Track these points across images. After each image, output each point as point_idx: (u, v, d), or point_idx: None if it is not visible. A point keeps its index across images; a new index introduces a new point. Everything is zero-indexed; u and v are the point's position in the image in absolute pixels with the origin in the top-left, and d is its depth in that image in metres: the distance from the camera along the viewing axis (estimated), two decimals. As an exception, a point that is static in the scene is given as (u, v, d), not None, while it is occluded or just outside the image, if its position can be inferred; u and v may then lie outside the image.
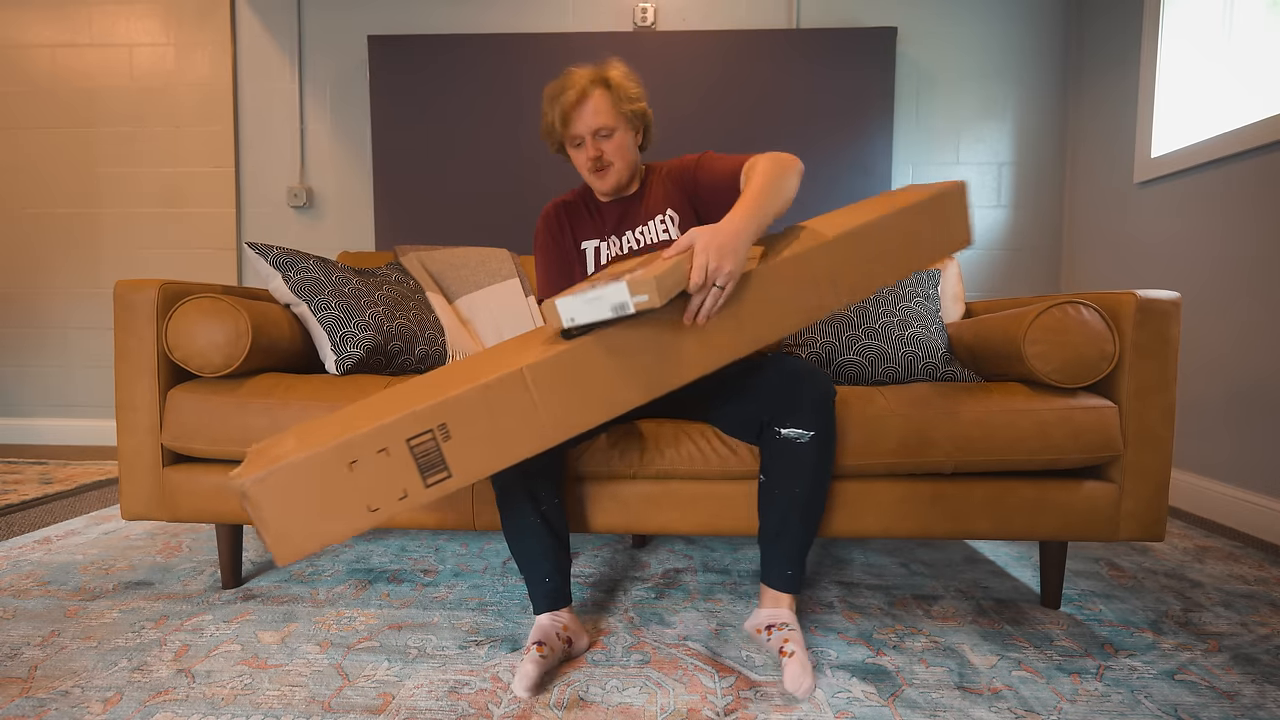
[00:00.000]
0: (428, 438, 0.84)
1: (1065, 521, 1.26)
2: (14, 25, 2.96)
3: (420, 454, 0.84)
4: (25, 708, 0.98)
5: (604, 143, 1.30)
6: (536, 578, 1.16)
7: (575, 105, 1.26)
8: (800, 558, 1.18)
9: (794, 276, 1.02)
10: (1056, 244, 2.78)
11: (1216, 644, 1.21)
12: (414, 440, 0.84)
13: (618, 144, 1.31)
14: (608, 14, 2.82)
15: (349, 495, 0.83)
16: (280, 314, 1.46)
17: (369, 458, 0.82)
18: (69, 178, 2.98)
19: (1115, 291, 1.27)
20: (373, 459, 0.83)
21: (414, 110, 2.76)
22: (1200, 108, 2.22)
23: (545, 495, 1.16)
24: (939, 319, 1.52)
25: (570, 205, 1.42)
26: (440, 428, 0.84)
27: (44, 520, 1.92)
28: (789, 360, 1.18)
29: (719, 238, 0.96)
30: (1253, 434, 1.89)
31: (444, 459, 0.85)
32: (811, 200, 2.70)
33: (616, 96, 1.29)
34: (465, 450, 0.86)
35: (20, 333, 3.05)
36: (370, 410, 0.93)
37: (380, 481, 0.84)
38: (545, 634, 1.10)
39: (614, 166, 1.32)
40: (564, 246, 1.40)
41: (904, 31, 2.75)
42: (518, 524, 1.16)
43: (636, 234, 1.36)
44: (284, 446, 0.89)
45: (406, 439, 0.83)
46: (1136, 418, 1.24)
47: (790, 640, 1.10)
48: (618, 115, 1.29)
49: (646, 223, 1.35)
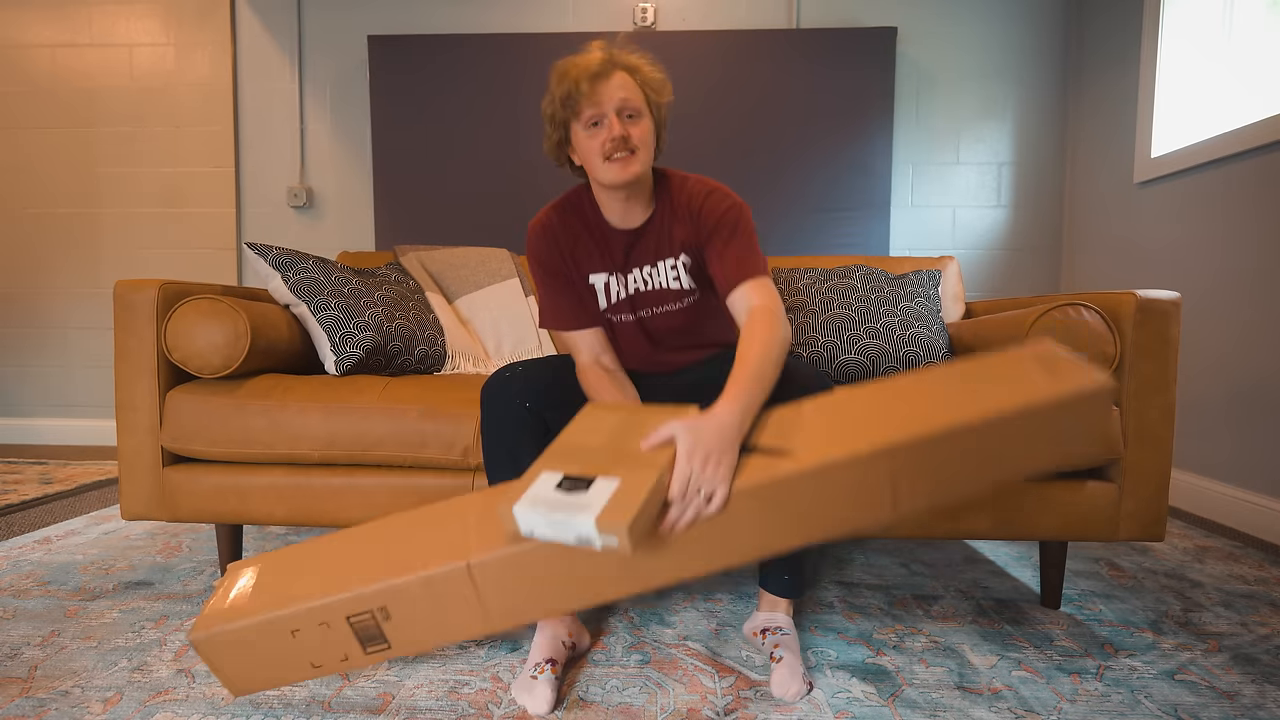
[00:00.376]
0: (367, 617, 0.86)
1: (1065, 521, 1.26)
2: (14, 25, 2.96)
3: (360, 629, 0.87)
4: (25, 708, 0.98)
5: (632, 124, 1.08)
6: None
7: (598, 76, 1.06)
8: (798, 563, 1.18)
9: (834, 486, 0.83)
10: (1056, 244, 2.78)
11: (1216, 644, 1.21)
12: (354, 618, 0.86)
13: (645, 130, 1.10)
14: (608, 14, 2.82)
15: (292, 655, 0.88)
16: (279, 315, 1.46)
17: (311, 629, 0.86)
18: (69, 178, 2.98)
19: (1115, 291, 1.27)
20: (314, 629, 0.86)
21: (414, 110, 2.76)
22: (1200, 108, 2.22)
23: None
24: (940, 319, 1.52)
25: (567, 228, 1.20)
26: (380, 609, 0.86)
27: (44, 520, 1.92)
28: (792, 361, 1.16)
29: (705, 440, 0.83)
30: (1253, 434, 1.89)
31: (383, 634, 0.87)
32: (811, 200, 2.70)
33: (642, 81, 1.11)
34: (405, 629, 0.88)
35: (20, 333, 3.05)
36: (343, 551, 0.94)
37: (321, 647, 0.88)
38: (554, 650, 1.09)
39: (639, 155, 1.09)
40: (569, 277, 1.21)
41: (904, 31, 2.75)
42: None
43: (645, 274, 1.20)
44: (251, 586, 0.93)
45: (347, 616, 0.86)
46: (1136, 417, 1.24)
47: (782, 645, 1.10)
48: (644, 100, 1.11)
49: (657, 263, 1.20)
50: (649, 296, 1.21)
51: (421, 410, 1.29)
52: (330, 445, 1.29)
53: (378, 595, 0.86)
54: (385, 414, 1.29)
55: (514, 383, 1.10)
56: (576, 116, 1.08)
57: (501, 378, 1.12)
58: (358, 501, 1.31)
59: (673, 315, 1.22)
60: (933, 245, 2.81)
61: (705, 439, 0.84)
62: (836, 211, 2.71)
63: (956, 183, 2.79)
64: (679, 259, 1.18)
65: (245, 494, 1.32)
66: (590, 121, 1.08)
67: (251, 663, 0.89)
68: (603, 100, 1.06)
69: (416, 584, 0.85)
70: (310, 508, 1.32)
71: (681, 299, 1.20)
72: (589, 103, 1.06)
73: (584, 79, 1.05)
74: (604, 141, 1.07)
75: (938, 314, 1.53)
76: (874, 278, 1.58)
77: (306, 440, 1.29)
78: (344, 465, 1.32)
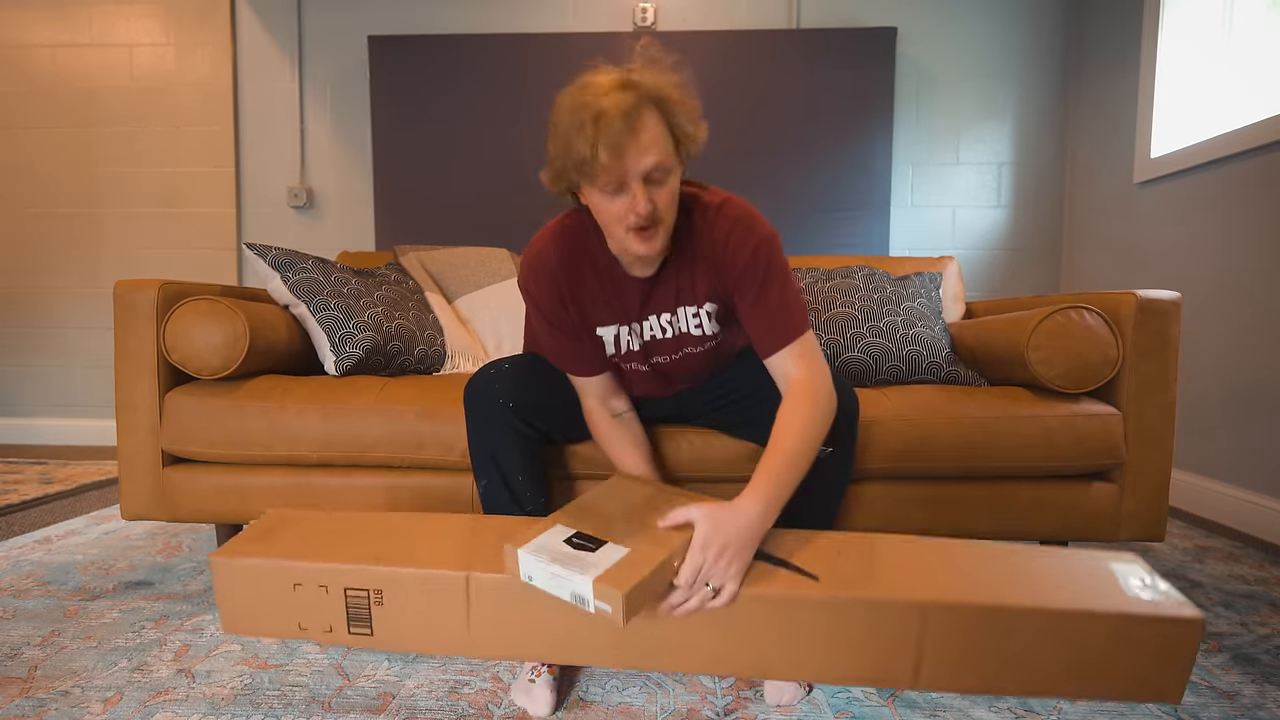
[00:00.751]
0: (362, 594, 0.89)
1: (1065, 521, 1.26)
2: (14, 25, 2.96)
3: (352, 605, 0.90)
4: (25, 708, 0.98)
5: (657, 191, 0.91)
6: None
7: (625, 134, 0.87)
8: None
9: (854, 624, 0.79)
10: (1056, 244, 2.78)
11: (1216, 644, 1.21)
12: (351, 591, 0.89)
13: (671, 192, 0.93)
14: (608, 14, 2.82)
15: (286, 607, 0.91)
16: (279, 315, 1.46)
17: (311, 587, 0.90)
18: (69, 178, 2.98)
19: (1116, 292, 1.27)
20: (313, 589, 0.90)
21: (414, 110, 2.76)
22: (1200, 108, 2.22)
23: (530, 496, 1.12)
24: (942, 319, 1.52)
25: (570, 271, 1.04)
26: (377, 591, 0.89)
27: (44, 520, 1.92)
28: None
29: (723, 533, 0.80)
30: (1253, 434, 1.89)
31: (370, 619, 0.90)
32: (811, 200, 2.70)
33: (674, 118, 0.92)
34: (391, 621, 0.89)
35: (20, 333, 3.05)
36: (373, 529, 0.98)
37: (313, 609, 0.91)
38: None
39: (664, 225, 0.94)
40: (573, 329, 1.08)
41: (904, 31, 2.75)
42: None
43: (663, 321, 1.08)
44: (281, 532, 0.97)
45: (345, 587, 0.89)
46: (1137, 418, 1.24)
47: None
48: (674, 148, 0.93)
49: (677, 309, 1.07)
50: (666, 344, 1.10)
51: (419, 411, 1.29)
52: (328, 446, 1.29)
53: (378, 577, 0.88)
54: (383, 415, 1.29)
55: (496, 381, 1.08)
56: (591, 183, 0.92)
57: (485, 376, 1.10)
58: (357, 502, 1.31)
59: (692, 359, 1.13)
60: (933, 245, 2.81)
61: (724, 532, 0.81)
62: (836, 211, 2.71)
63: (956, 183, 2.79)
64: (703, 307, 1.06)
65: (245, 494, 1.32)
66: (610, 187, 0.91)
67: (251, 601, 0.92)
68: (627, 170, 0.89)
69: (414, 578, 0.87)
70: (310, 508, 1.32)
71: (703, 344, 1.11)
72: (609, 173, 0.88)
73: (603, 144, 0.86)
74: (626, 214, 0.91)
75: (940, 314, 1.53)
76: (876, 278, 1.58)
77: (305, 441, 1.29)
78: (342, 466, 1.32)
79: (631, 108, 0.88)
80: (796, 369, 1.00)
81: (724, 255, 1.01)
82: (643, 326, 1.09)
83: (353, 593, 0.89)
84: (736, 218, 1.02)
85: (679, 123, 0.93)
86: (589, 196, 0.95)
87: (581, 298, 1.06)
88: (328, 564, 0.89)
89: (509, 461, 1.10)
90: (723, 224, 1.01)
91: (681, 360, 1.13)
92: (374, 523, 1.00)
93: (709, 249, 1.02)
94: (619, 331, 1.09)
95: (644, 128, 0.89)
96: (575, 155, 0.88)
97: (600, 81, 0.90)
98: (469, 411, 1.10)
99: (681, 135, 0.94)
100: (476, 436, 1.10)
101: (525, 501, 1.12)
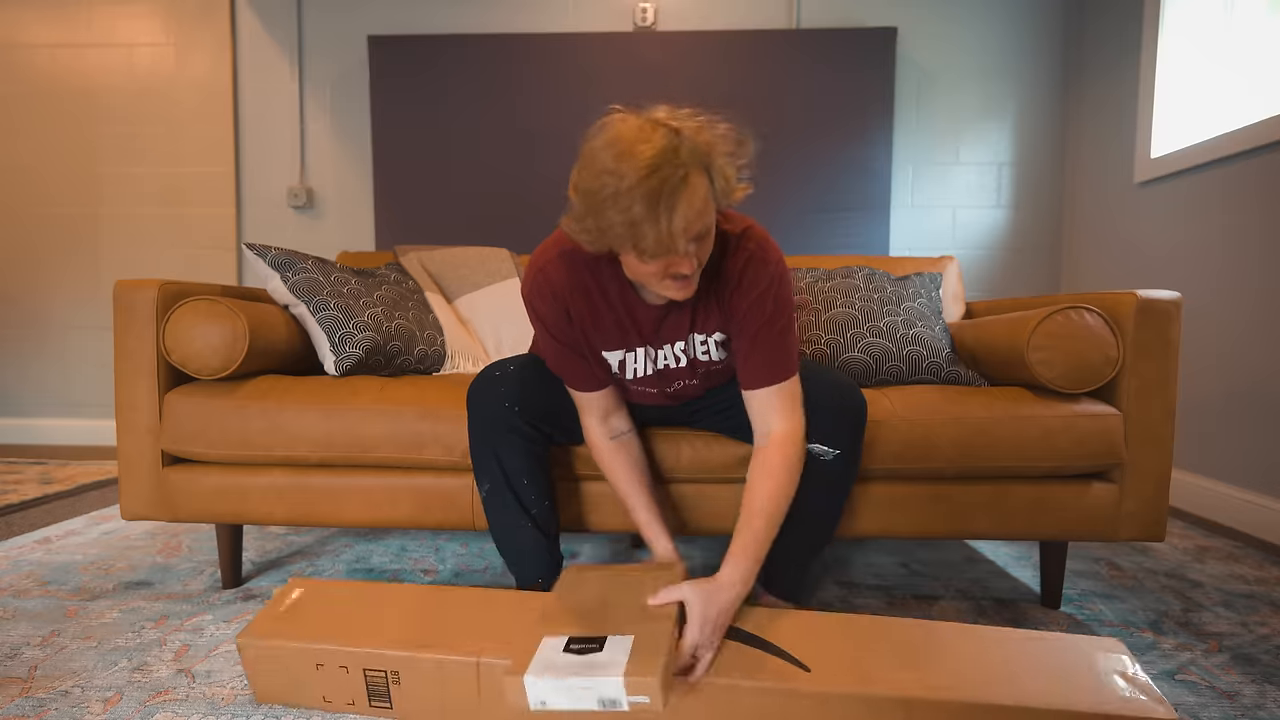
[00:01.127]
0: (381, 675, 0.94)
1: (1065, 521, 1.26)
2: (14, 25, 2.96)
3: (371, 684, 0.95)
4: (25, 708, 0.98)
5: (699, 248, 0.88)
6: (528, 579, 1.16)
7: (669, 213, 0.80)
8: (802, 567, 1.17)
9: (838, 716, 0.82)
10: (1056, 244, 2.78)
11: (1216, 644, 1.21)
12: (369, 672, 0.94)
13: (710, 242, 0.91)
14: (608, 14, 2.82)
15: (311, 683, 0.97)
16: (279, 315, 1.46)
17: (332, 668, 0.95)
18: (69, 178, 2.98)
19: (1116, 292, 1.27)
20: (335, 669, 0.95)
21: (414, 110, 2.76)
22: (1201, 107, 2.22)
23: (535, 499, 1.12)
24: (942, 319, 1.52)
25: (579, 293, 1.01)
26: (394, 672, 0.93)
27: (44, 520, 1.92)
28: (827, 372, 1.11)
29: (715, 610, 0.89)
30: (1253, 434, 1.89)
31: (389, 696, 0.95)
32: (811, 200, 2.70)
33: (718, 190, 0.87)
34: (410, 696, 0.94)
35: (20, 333, 3.05)
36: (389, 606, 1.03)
37: (336, 686, 0.96)
38: None
39: (696, 274, 0.92)
40: (578, 349, 1.06)
41: (904, 31, 2.75)
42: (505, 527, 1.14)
43: (676, 349, 1.07)
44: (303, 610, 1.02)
45: (364, 668, 0.94)
46: (1137, 418, 1.24)
47: None
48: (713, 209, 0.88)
49: (689, 337, 1.06)
50: (676, 373, 1.10)
51: (419, 411, 1.28)
52: (328, 446, 1.29)
53: (395, 660, 0.93)
54: (383, 415, 1.29)
55: (500, 384, 1.08)
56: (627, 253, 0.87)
57: (489, 378, 1.09)
58: (357, 502, 1.31)
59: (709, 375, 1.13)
60: (933, 245, 2.81)
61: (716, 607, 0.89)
62: (836, 211, 2.71)
63: (956, 183, 2.79)
64: (713, 336, 1.06)
65: (245, 494, 1.32)
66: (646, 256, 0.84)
67: (277, 677, 0.98)
68: (674, 245, 0.82)
69: (430, 663, 0.92)
70: (310, 508, 1.32)
71: (711, 367, 1.11)
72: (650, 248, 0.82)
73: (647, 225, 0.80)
74: (665, 273, 0.88)
75: (940, 314, 1.53)
76: (876, 278, 1.58)
77: (305, 442, 1.29)
78: (342, 466, 1.32)
79: (680, 182, 0.80)
80: (779, 417, 1.02)
81: (737, 288, 1.00)
82: (657, 354, 1.07)
83: (371, 673, 0.94)
84: (752, 252, 1.00)
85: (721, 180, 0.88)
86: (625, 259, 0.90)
87: (588, 321, 1.03)
88: (347, 647, 0.94)
89: (513, 464, 1.09)
90: (740, 256, 1.00)
91: (691, 387, 1.13)
92: (390, 596, 1.05)
93: (724, 281, 1.01)
94: (626, 357, 1.07)
95: (691, 200, 0.82)
96: (611, 229, 0.82)
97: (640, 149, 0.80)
98: (472, 414, 1.10)
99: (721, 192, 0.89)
100: (480, 439, 1.10)
101: (530, 505, 1.12)
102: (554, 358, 1.08)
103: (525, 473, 1.10)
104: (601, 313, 1.03)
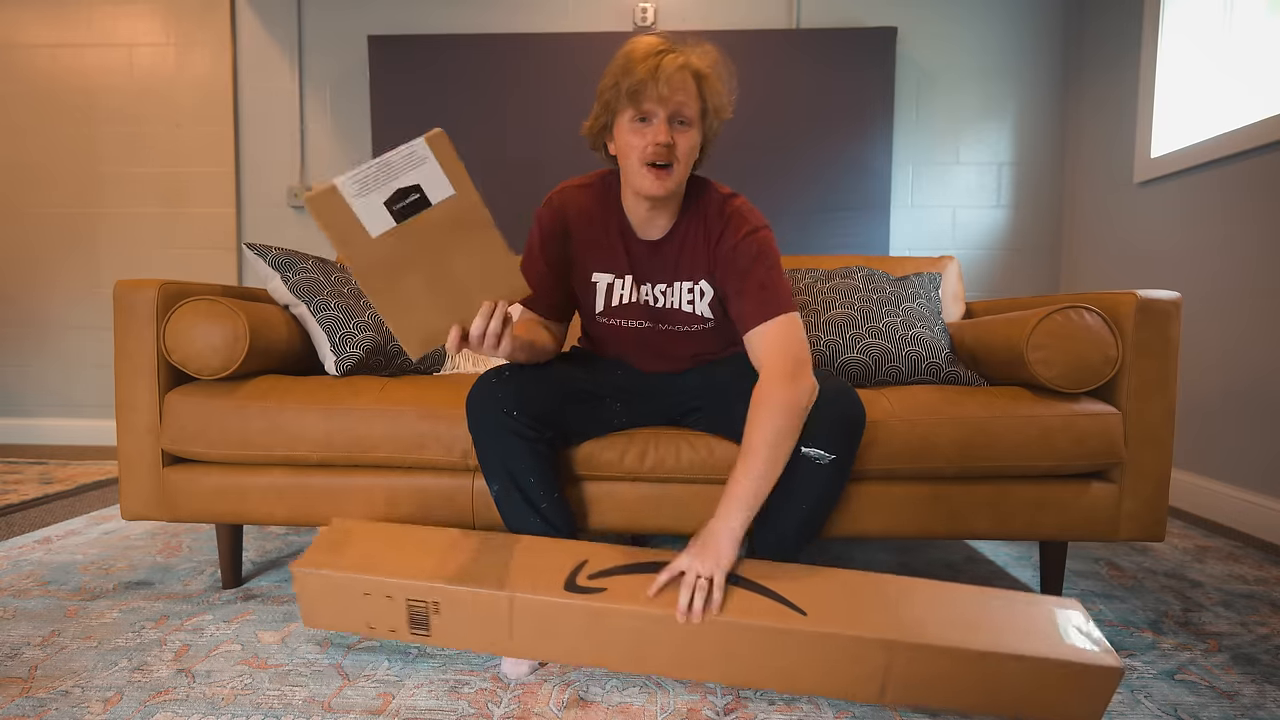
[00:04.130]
0: (422, 605, 1.04)
1: (1065, 521, 1.26)
2: (14, 25, 2.96)
3: (413, 613, 1.05)
4: (25, 708, 0.98)
5: (679, 133, 1.05)
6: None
7: (663, 71, 1.01)
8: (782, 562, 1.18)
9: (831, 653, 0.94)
10: (1056, 244, 2.78)
11: (1216, 644, 1.21)
12: (412, 601, 1.04)
13: (690, 144, 1.06)
14: (608, 14, 2.82)
15: (357, 610, 1.07)
16: (279, 315, 1.46)
17: (379, 597, 1.05)
18: (69, 178, 2.98)
19: (1115, 291, 1.27)
20: (381, 598, 1.05)
21: (414, 110, 2.76)
22: (1200, 107, 2.22)
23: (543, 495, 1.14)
24: (942, 319, 1.52)
25: (582, 212, 1.16)
26: (434, 603, 1.03)
27: (44, 520, 1.92)
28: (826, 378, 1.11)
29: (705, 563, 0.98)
30: (1253, 434, 1.89)
31: (429, 624, 1.05)
32: (811, 200, 2.70)
33: (706, 91, 1.06)
34: (447, 626, 1.05)
35: (20, 333, 3.05)
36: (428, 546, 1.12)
37: (380, 614, 1.06)
38: None
39: (677, 169, 1.06)
40: (561, 259, 1.18)
41: (904, 31, 2.75)
42: (517, 524, 1.15)
43: (658, 290, 1.17)
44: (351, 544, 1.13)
45: (407, 598, 1.04)
46: (1137, 418, 1.24)
47: None
48: (701, 110, 1.07)
49: (673, 283, 1.16)
50: (662, 314, 1.19)
51: (420, 411, 1.29)
52: (329, 447, 1.29)
53: (437, 592, 1.02)
54: (383, 415, 1.29)
55: (499, 390, 1.09)
56: (626, 107, 1.04)
57: (487, 385, 1.10)
58: (358, 502, 1.31)
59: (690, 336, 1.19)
60: (933, 245, 2.81)
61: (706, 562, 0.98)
62: (836, 211, 2.71)
63: (956, 183, 2.79)
64: (697, 284, 1.14)
65: (245, 494, 1.32)
66: (640, 115, 1.04)
67: (327, 604, 1.08)
68: (659, 98, 1.02)
69: (468, 594, 1.02)
70: (310, 508, 1.32)
71: (694, 323, 1.18)
72: (644, 97, 1.02)
73: (648, 74, 1.00)
74: (646, 145, 1.03)
75: (939, 314, 1.53)
76: (876, 278, 1.57)
77: (305, 442, 1.29)
78: (343, 466, 1.32)
79: (680, 65, 1.03)
80: (772, 353, 1.05)
81: (722, 233, 1.12)
82: (640, 291, 1.17)
83: (414, 603, 1.04)
84: (738, 206, 1.14)
85: (709, 95, 1.07)
86: (619, 130, 1.06)
87: (586, 238, 1.16)
88: (393, 579, 1.04)
89: (519, 466, 1.11)
90: (727, 208, 1.14)
91: (679, 336, 1.18)
92: (429, 537, 1.14)
93: (710, 227, 1.13)
94: (614, 281, 1.18)
95: (682, 79, 1.03)
96: (626, 84, 1.02)
97: (654, 41, 1.06)
98: (474, 424, 1.11)
99: (708, 101, 1.07)
100: (485, 447, 1.12)
101: (538, 501, 1.14)
102: (528, 262, 1.19)
103: (531, 471, 1.12)
104: (598, 237, 1.16)
